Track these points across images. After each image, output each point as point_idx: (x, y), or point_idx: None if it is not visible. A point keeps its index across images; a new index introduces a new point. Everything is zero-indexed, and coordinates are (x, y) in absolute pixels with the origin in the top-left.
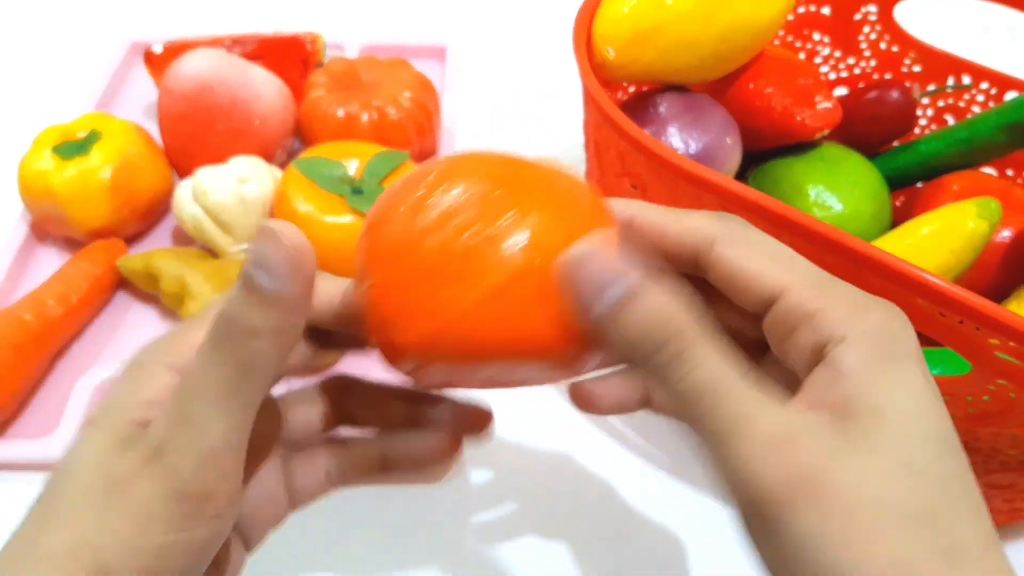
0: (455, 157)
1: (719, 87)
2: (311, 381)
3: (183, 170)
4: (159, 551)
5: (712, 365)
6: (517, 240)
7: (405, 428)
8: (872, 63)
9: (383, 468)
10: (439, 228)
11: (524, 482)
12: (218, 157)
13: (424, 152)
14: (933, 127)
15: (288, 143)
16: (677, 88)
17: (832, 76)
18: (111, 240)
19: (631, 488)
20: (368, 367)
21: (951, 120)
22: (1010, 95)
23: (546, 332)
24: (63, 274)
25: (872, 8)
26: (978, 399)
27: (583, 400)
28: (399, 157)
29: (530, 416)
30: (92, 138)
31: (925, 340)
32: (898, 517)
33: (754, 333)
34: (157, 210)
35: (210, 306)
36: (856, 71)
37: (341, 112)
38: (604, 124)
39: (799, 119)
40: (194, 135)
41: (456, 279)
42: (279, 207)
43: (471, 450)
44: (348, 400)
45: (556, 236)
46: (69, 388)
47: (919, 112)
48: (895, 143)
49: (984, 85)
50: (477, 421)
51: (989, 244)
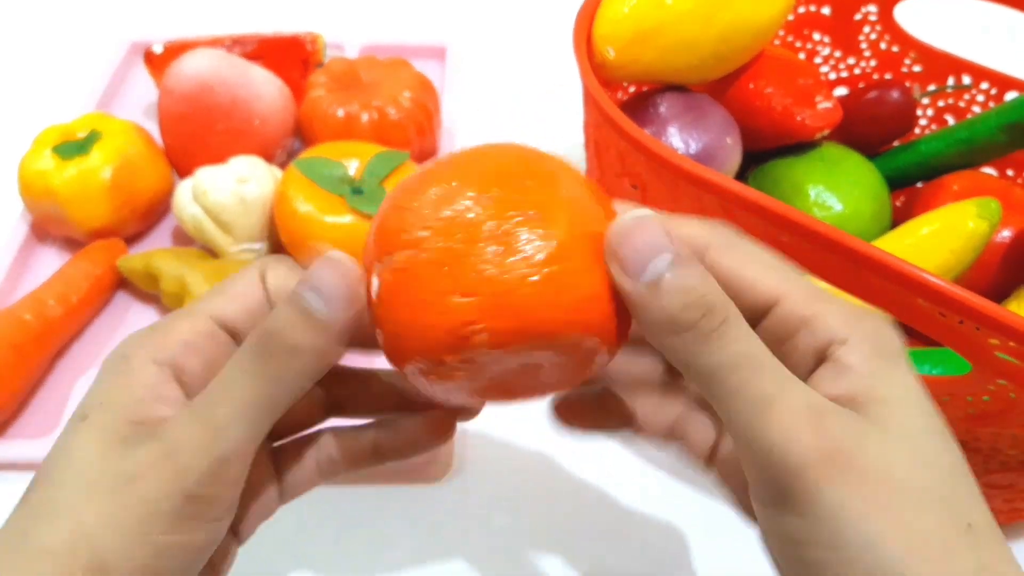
0: (463, 153)
1: (719, 87)
2: None
3: (183, 170)
4: (158, 550)
5: (749, 339)
6: (551, 223)
7: (396, 414)
8: (872, 63)
9: (376, 456)
10: (464, 218)
11: (524, 482)
12: (218, 157)
13: (424, 152)
14: (933, 127)
15: (288, 143)
16: (677, 88)
17: (832, 76)
18: (111, 240)
19: (631, 488)
20: (358, 360)
21: (951, 120)
22: (1010, 95)
23: (584, 306)
24: (63, 274)
25: (872, 8)
26: (978, 399)
27: (566, 420)
28: (399, 157)
29: (529, 416)
30: (92, 138)
31: (925, 340)
32: (924, 497)
33: None
34: (157, 210)
35: (196, 300)
36: (856, 71)
37: (341, 112)
38: (604, 124)
39: (799, 119)
40: (194, 135)
41: (491, 261)
42: (279, 207)
43: (471, 450)
44: (338, 390)
45: (588, 218)
46: (69, 388)
47: (919, 112)
48: (895, 143)
49: (984, 85)
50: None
51: (989, 244)
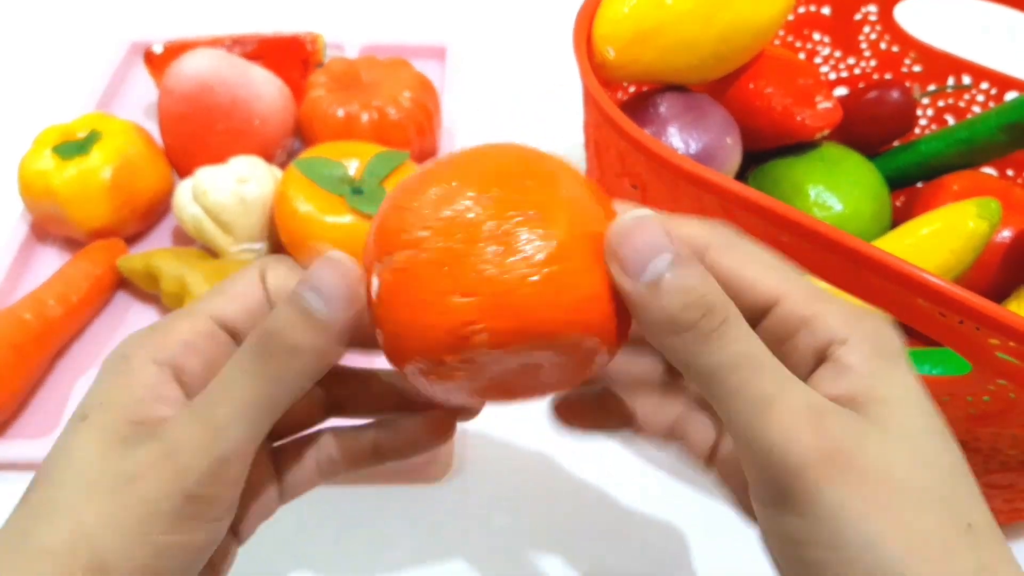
0: (463, 153)
1: (719, 87)
2: None
3: (183, 170)
4: (158, 550)
5: (749, 339)
6: (551, 223)
7: (396, 414)
8: (872, 63)
9: (376, 456)
10: (464, 218)
11: (524, 482)
12: (218, 157)
13: (424, 152)
14: (933, 127)
15: (288, 143)
16: (677, 88)
17: (832, 76)
18: (111, 240)
19: (631, 488)
20: (358, 360)
21: (951, 120)
22: (1010, 95)
23: (584, 306)
24: (63, 274)
25: (872, 8)
26: (978, 399)
27: (566, 415)
28: (399, 157)
29: (529, 416)
30: (92, 138)
31: (925, 340)
32: (924, 497)
33: None
34: (157, 210)
35: (196, 300)
36: (856, 71)
37: (341, 112)
38: (604, 124)
39: (799, 119)
40: (194, 135)
41: (491, 261)
42: (279, 207)
43: (471, 450)
44: (338, 390)
45: (588, 218)
46: (69, 388)
47: (919, 112)
48: (895, 143)
49: (984, 85)
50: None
51: (989, 244)
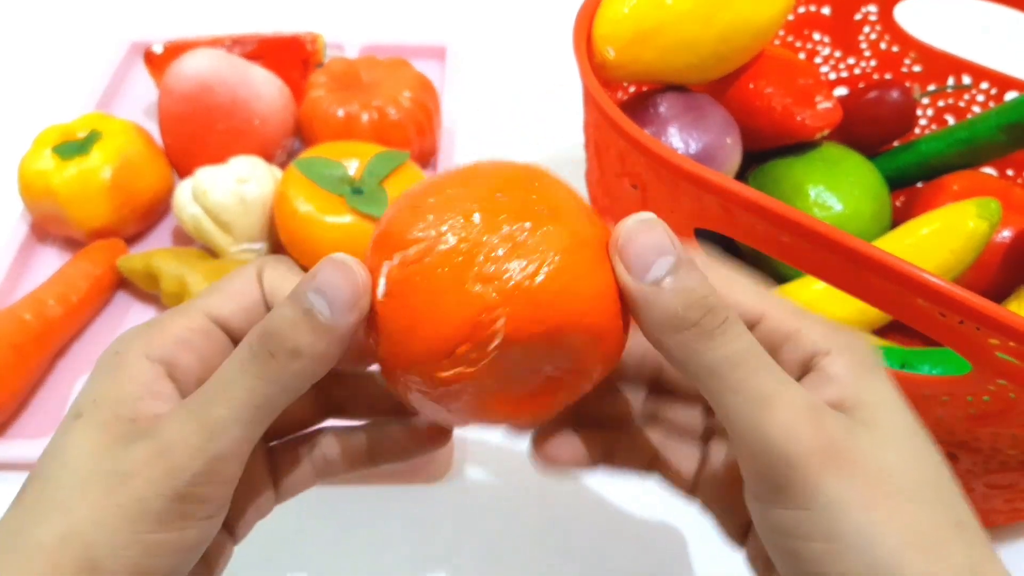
0: (465, 167)
1: (719, 87)
2: None
3: (183, 170)
4: (149, 548)
5: (749, 339)
6: (560, 224)
7: (392, 417)
8: (872, 63)
9: (371, 458)
10: (477, 216)
11: (523, 482)
12: (218, 157)
13: (424, 152)
14: (933, 127)
15: (288, 143)
16: (677, 88)
17: (832, 76)
18: (111, 240)
19: (631, 488)
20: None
21: (951, 120)
22: (1010, 95)
23: (595, 303)
24: (63, 274)
25: (872, 8)
26: (978, 399)
27: (545, 457)
28: (399, 157)
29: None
30: (92, 138)
31: (925, 340)
32: (914, 494)
33: None
34: (157, 210)
35: (192, 298)
36: (856, 71)
37: (341, 112)
38: (604, 124)
39: (799, 119)
40: (194, 135)
41: (508, 253)
42: (279, 207)
43: (470, 450)
44: (336, 391)
45: (590, 225)
46: (69, 388)
47: (919, 112)
48: (895, 143)
49: (984, 85)
50: None
51: (989, 244)
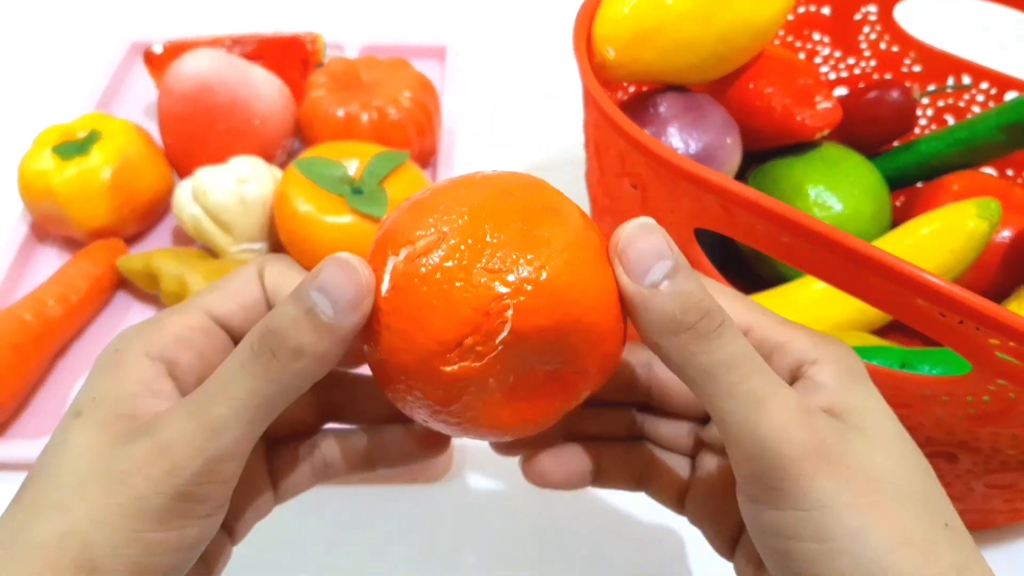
0: (465, 175)
1: (719, 87)
2: None
3: (183, 170)
4: (148, 547)
5: (744, 343)
6: (566, 224)
7: (391, 422)
8: (872, 63)
9: (369, 462)
10: (484, 212)
11: (522, 482)
12: (218, 157)
13: (424, 152)
14: (933, 127)
15: (288, 143)
16: (677, 88)
17: (832, 76)
18: (111, 240)
19: None
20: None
21: (951, 120)
22: (1010, 95)
23: (601, 299)
24: (63, 274)
25: (872, 8)
26: (978, 399)
27: (536, 475)
28: (399, 157)
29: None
30: (92, 138)
31: (925, 340)
32: (903, 496)
33: None
34: (157, 210)
35: (192, 296)
36: (856, 71)
37: (341, 112)
38: (604, 124)
39: (799, 119)
40: (194, 135)
41: (517, 248)
42: (279, 207)
43: (470, 450)
44: (335, 395)
45: (592, 231)
46: (69, 388)
47: (919, 112)
48: (895, 143)
49: (984, 85)
50: None
51: (989, 244)
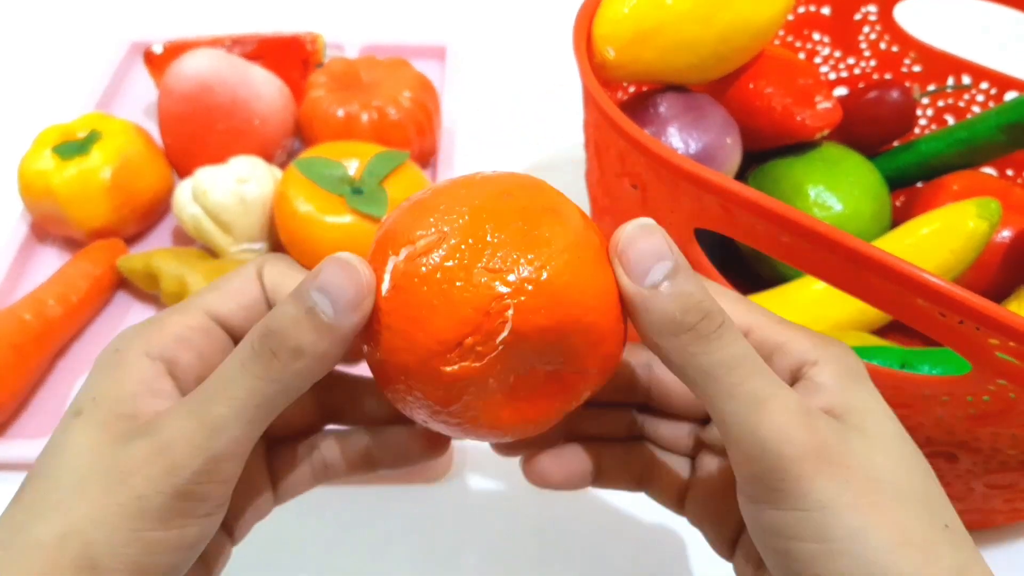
0: (465, 176)
1: (719, 87)
2: None
3: (183, 170)
4: (148, 546)
5: (744, 344)
6: (566, 224)
7: (391, 423)
8: (872, 63)
9: (368, 464)
10: (484, 212)
11: (523, 482)
12: (218, 157)
13: (424, 152)
14: (933, 127)
15: (288, 143)
16: (677, 88)
17: (832, 76)
18: (111, 240)
19: None
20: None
21: (951, 120)
22: (1010, 95)
23: (601, 299)
24: (63, 274)
25: (872, 8)
26: (978, 399)
27: (536, 475)
28: (399, 157)
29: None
30: (92, 138)
31: (925, 340)
32: (903, 496)
33: None
34: (157, 210)
35: (192, 296)
36: (856, 71)
37: (341, 112)
38: (604, 124)
39: (799, 119)
40: (194, 135)
41: (518, 247)
42: (279, 207)
43: (470, 450)
44: (334, 396)
45: (592, 232)
46: (69, 388)
47: (919, 112)
48: (895, 143)
49: (984, 85)
50: None
51: (989, 244)
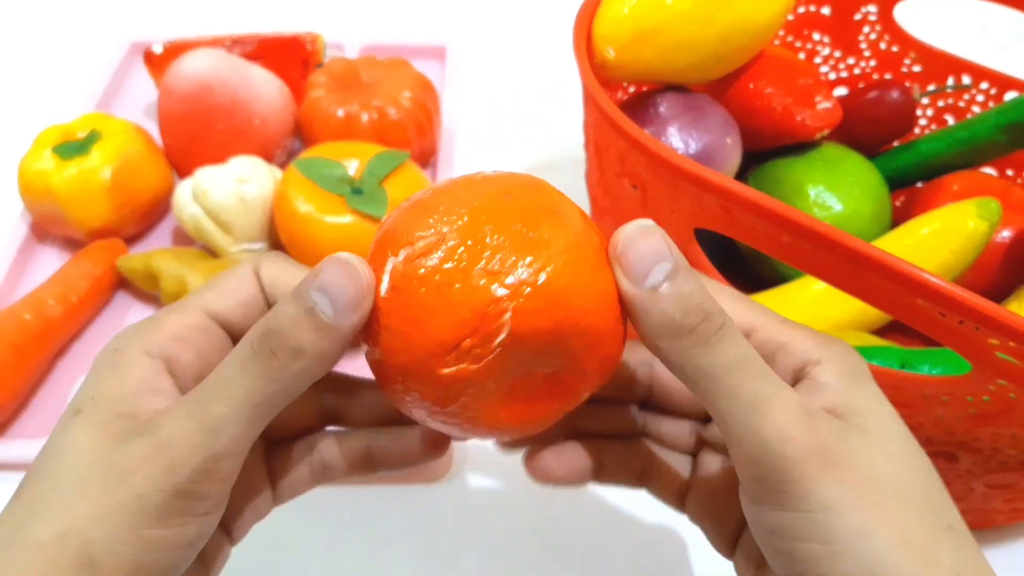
0: (466, 176)
1: (719, 87)
2: None
3: (183, 170)
4: (148, 544)
5: (745, 344)
6: (566, 226)
7: (390, 425)
8: (872, 63)
9: (367, 465)
10: (484, 214)
11: (523, 482)
12: (218, 157)
13: (424, 152)
14: (933, 127)
15: (288, 143)
16: (677, 88)
17: (832, 76)
18: (111, 240)
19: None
20: (351, 366)
21: (951, 120)
22: (1010, 95)
23: (599, 302)
24: (63, 274)
25: (872, 8)
26: (978, 399)
27: (538, 471)
28: (399, 157)
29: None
30: (92, 138)
31: (925, 340)
32: (905, 497)
33: None
34: (157, 210)
35: (189, 295)
36: (856, 71)
37: (341, 112)
38: (604, 124)
39: (799, 119)
40: (194, 135)
41: (516, 250)
42: (279, 207)
43: (470, 451)
44: (333, 398)
45: (592, 234)
46: (69, 388)
47: (919, 112)
48: (895, 143)
49: (984, 85)
50: None
51: (989, 244)
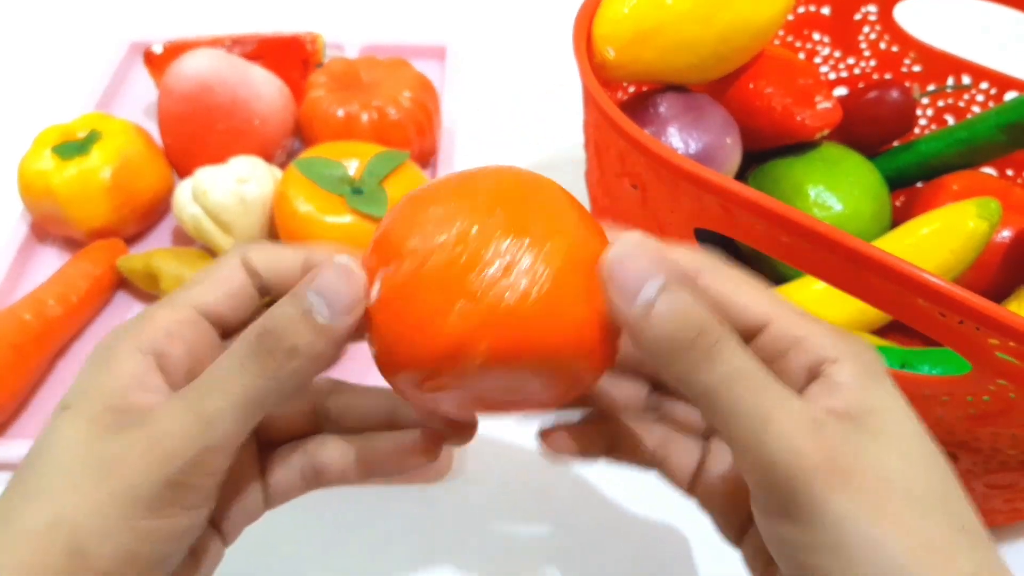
0: (466, 173)
1: (719, 87)
2: None
3: (183, 170)
4: (138, 535)
5: (745, 356)
6: (551, 248)
7: (385, 430)
8: (872, 63)
9: (361, 471)
10: (469, 235)
11: (523, 483)
12: (218, 157)
13: (424, 152)
14: (933, 127)
15: (288, 143)
16: (677, 88)
17: (832, 76)
18: (111, 240)
19: (631, 488)
20: (349, 371)
21: (951, 120)
22: (1010, 95)
23: (580, 328)
24: (63, 274)
25: (872, 8)
26: (978, 399)
27: (552, 445)
28: (399, 157)
29: (529, 417)
30: (92, 138)
31: (925, 340)
32: (919, 500)
33: None
34: (157, 210)
35: (179, 289)
36: (856, 71)
37: (341, 112)
38: (604, 124)
39: (799, 119)
40: (194, 135)
41: (494, 277)
42: (279, 207)
43: (470, 450)
44: (328, 402)
45: (583, 242)
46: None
47: (919, 112)
48: (895, 143)
49: (984, 85)
50: (460, 430)
51: (989, 244)
